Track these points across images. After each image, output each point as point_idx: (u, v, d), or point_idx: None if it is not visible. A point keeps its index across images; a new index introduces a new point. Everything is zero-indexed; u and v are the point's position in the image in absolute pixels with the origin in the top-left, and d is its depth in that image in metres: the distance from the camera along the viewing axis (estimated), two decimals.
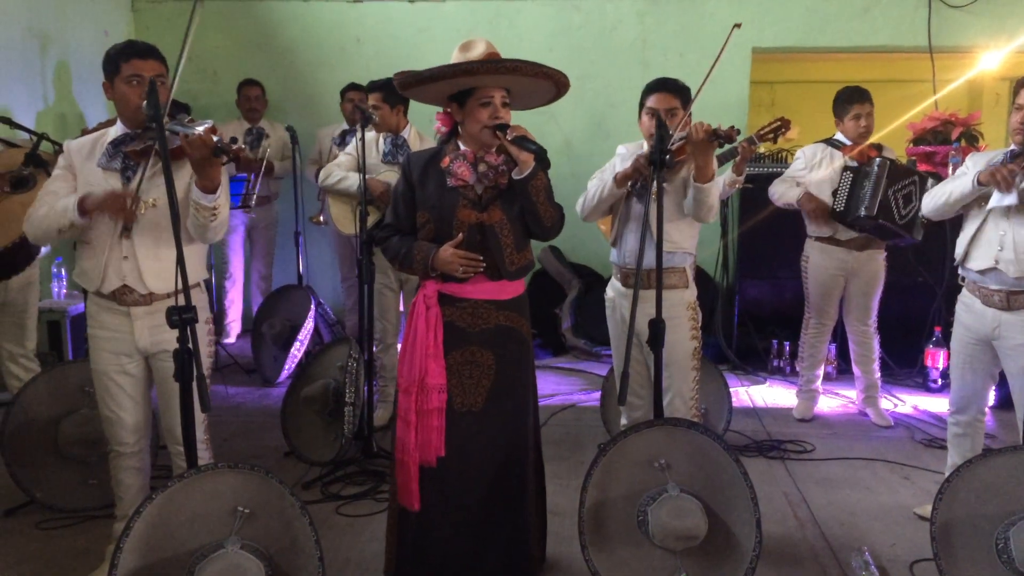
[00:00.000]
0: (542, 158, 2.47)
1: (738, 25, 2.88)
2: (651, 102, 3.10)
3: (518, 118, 2.61)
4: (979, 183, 2.95)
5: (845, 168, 4.21)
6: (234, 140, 2.47)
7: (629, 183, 3.09)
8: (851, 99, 4.26)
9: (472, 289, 2.56)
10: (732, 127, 2.89)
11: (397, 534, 2.66)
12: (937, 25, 5.95)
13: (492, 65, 2.43)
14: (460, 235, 2.51)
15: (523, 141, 2.45)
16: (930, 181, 4.02)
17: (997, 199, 2.93)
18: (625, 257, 3.16)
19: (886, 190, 4.03)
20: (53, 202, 2.61)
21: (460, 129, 2.61)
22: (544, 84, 2.55)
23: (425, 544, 2.60)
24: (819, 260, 4.36)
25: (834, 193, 4.21)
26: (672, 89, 3.09)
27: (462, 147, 2.59)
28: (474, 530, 2.59)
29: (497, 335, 2.59)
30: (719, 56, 2.86)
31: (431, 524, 2.58)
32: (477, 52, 2.52)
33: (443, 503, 2.57)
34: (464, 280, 2.54)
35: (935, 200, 3.15)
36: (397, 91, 2.68)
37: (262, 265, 6.11)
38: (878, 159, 4.12)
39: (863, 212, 4.06)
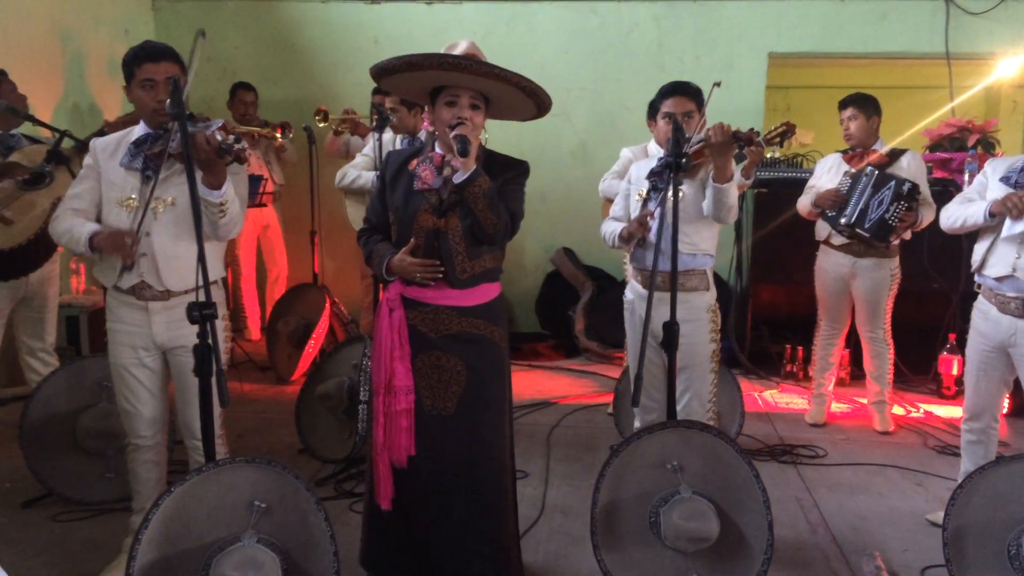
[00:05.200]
0: (463, 151, 2.31)
1: (717, 84, 2.90)
2: (667, 106, 3.11)
3: (535, 122, 2.58)
4: (991, 215, 2.95)
5: (845, 174, 4.25)
6: (238, 140, 2.50)
7: (645, 187, 3.12)
8: (840, 105, 4.33)
9: (433, 295, 2.50)
10: (752, 129, 2.90)
11: (368, 528, 2.67)
12: (955, 32, 5.93)
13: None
14: (412, 240, 2.44)
15: (461, 140, 2.32)
16: (906, 185, 4.00)
17: (1009, 227, 2.91)
18: (643, 259, 3.17)
19: (869, 199, 4.08)
20: (73, 220, 2.66)
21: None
22: (520, 96, 2.46)
23: (398, 541, 2.58)
24: (822, 263, 4.44)
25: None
26: (688, 92, 3.11)
27: (437, 149, 2.52)
28: (454, 534, 2.54)
29: (463, 341, 2.52)
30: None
31: (405, 522, 2.55)
32: (458, 52, 2.44)
33: (418, 502, 2.53)
34: (425, 286, 2.49)
35: (951, 222, 3.16)
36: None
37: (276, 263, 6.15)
38: (868, 168, 4.15)
39: (843, 220, 4.16)
